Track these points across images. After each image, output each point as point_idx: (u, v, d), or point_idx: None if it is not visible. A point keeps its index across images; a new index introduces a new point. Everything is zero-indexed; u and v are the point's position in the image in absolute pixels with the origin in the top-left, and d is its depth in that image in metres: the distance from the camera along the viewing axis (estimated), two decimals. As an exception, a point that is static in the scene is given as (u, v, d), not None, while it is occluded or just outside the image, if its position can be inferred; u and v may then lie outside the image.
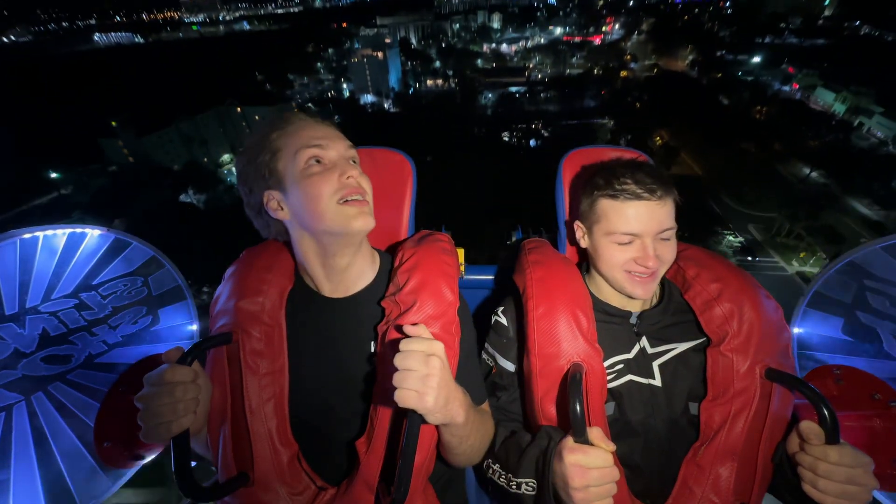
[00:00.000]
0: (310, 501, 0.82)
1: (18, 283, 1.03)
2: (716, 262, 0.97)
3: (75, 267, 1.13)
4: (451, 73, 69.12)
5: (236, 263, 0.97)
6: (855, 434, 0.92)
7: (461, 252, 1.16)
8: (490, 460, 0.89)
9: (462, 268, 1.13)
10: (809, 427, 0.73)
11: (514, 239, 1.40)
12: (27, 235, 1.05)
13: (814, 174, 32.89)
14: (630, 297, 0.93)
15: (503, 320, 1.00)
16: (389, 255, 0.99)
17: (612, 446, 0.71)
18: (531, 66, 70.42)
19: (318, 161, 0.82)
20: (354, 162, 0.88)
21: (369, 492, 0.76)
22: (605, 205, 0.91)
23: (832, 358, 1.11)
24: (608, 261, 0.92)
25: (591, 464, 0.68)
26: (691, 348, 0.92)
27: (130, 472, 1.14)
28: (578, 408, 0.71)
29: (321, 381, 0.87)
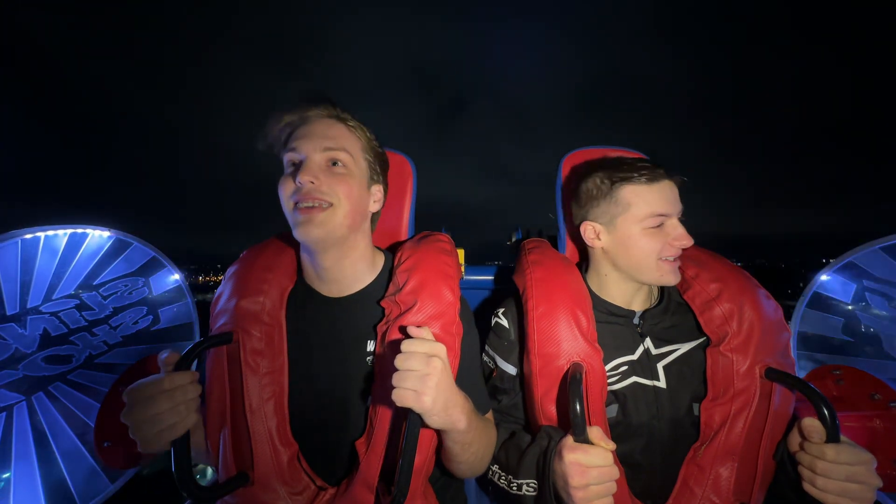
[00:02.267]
0: (309, 501, 0.81)
1: (20, 283, 1.03)
2: (715, 262, 0.97)
3: (76, 267, 1.13)
4: None
5: (237, 263, 0.97)
6: (855, 434, 0.92)
7: (461, 252, 1.17)
8: (491, 462, 0.89)
9: (462, 268, 1.13)
10: (811, 424, 0.72)
11: (514, 239, 1.40)
12: (29, 236, 1.05)
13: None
14: (661, 286, 0.93)
15: (504, 322, 0.99)
16: (392, 254, 0.99)
17: (611, 445, 0.70)
18: None
19: (293, 164, 0.84)
20: (336, 164, 0.84)
21: (369, 492, 0.76)
22: (630, 191, 0.89)
23: (832, 358, 1.11)
24: (642, 250, 0.89)
25: (591, 462, 0.68)
26: (693, 348, 0.92)
27: (130, 472, 1.14)
28: (578, 407, 0.71)
29: (321, 381, 0.87)
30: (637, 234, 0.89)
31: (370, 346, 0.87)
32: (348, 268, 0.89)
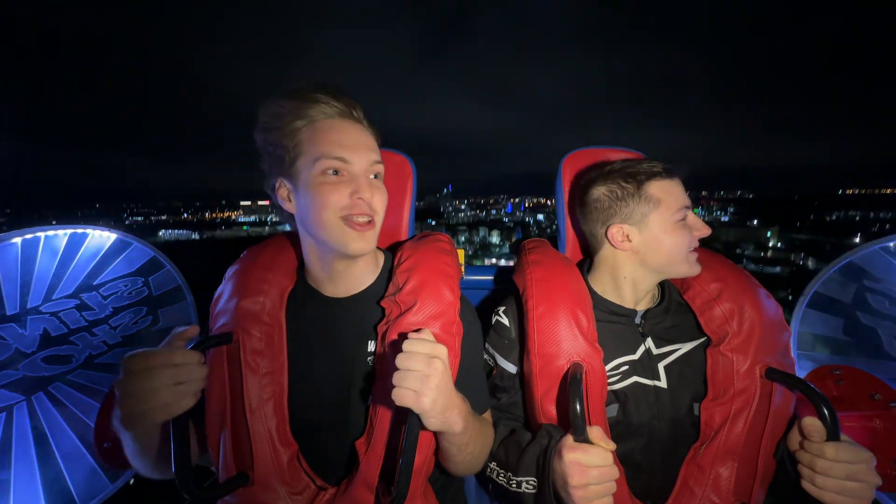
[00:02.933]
0: (309, 501, 0.81)
1: (20, 283, 1.03)
2: (715, 262, 0.97)
3: (76, 267, 1.13)
4: None
5: (237, 263, 0.97)
6: (855, 434, 0.92)
7: (461, 252, 1.17)
8: (490, 459, 0.89)
9: (462, 268, 1.13)
10: (811, 423, 0.73)
11: (514, 239, 1.40)
12: (29, 236, 1.05)
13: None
14: (689, 276, 0.94)
15: (504, 320, 0.99)
16: (392, 253, 0.99)
17: (611, 445, 0.71)
18: None
19: (335, 172, 0.78)
20: (377, 176, 0.84)
21: (369, 492, 0.76)
22: (657, 187, 0.90)
23: (832, 358, 1.11)
24: (676, 244, 0.89)
25: (590, 462, 0.68)
26: (693, 348, 0.92)
27: (130, 472, 1.14)
28: (578, 407, 0.71)
29: (321, 381, 0.87)
30: (670, 228, 0.89)
31: (370, 347, 0.87)
32: (359, 268, 0.89)
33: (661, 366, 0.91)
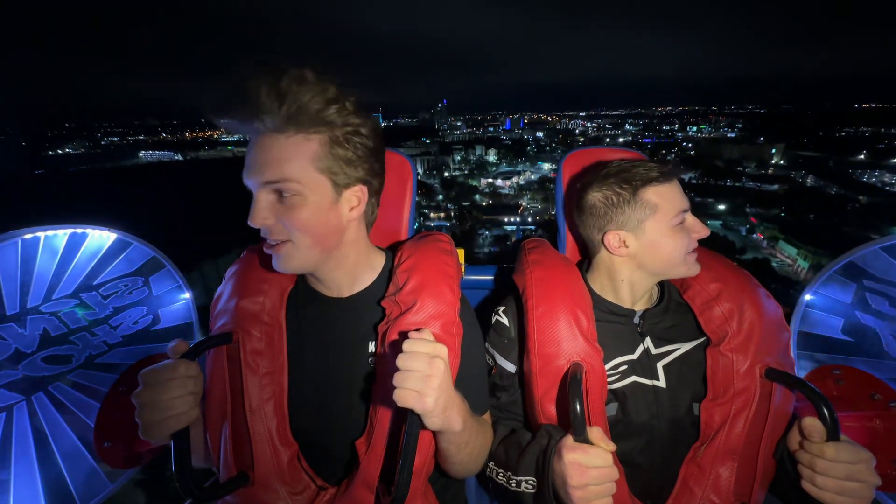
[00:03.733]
0: (310, 501, 0.82)
1: (19, 283, 1.03)
2: (715, 262, 0.97)
3: (76, 267, 1.13)
4: (452, 206, 76.89)
5: (238, 263, 0.97)
6: (855, 434, 0.92)
7: (461, 252, 1.17)
8: (489, 459, 0.89)
9: (462, 267, 1.13)
10: (811, 423, 0.73)
11: (514, 239, 1.40)
12: (28, 236, 1.05)
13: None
14: (688, 277, 0.94)
15: (504, 320, 0.99)
16: (392, 253, 0.99)
17: (611, 446, 0.71)
18: (522, 204, 78.08)
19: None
20: (283, 194, 0.73)
21: (369, 492, 0.76)
22: (653, 192, 0.88)
23: (832, 358, 1.11)
24: (675, 248, 0.89)
25: (590, 463, 0.68)
26: (693, 348, 0.92)
27: (130, 472, 1.14)
28: (578, 407, 0.71)
29: (321, 381, 0.87)
30: (667, 233, 0.88)
31: (371, 347, 0.87)
32: (344, 276, 0.89)
33: (659, 365, 0.91)
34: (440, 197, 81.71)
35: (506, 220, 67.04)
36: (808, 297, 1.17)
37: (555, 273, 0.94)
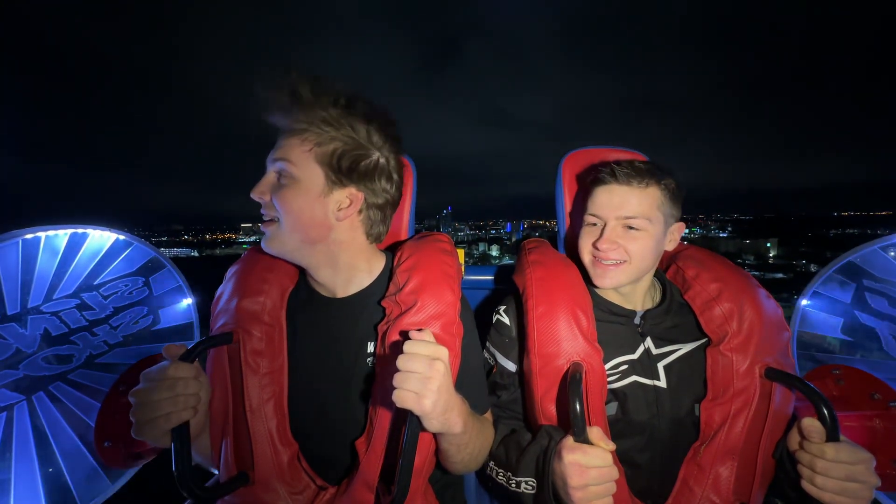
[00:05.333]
0: (310, 501, 0.82)
1: (20, 283, 1.03)
2: (715, 262, 0.97)
3: (77, 267, 1.14)
4: None
5: (238, 262, 0.97)
6: (855, 434, 0.92)
7: (461, 252, 1.17)
8: (489, 458, 0.89)
9: (462, 268, 1.13)
10: (811, 424, 0.73)
11: (514, 239, 1.40)
12: (29, 236, 1.06)
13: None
14: (595, 285, 0.95)
15: (505, 319, 1.00)
16: (392, 253, 0.99)
17: (611, 446, 0.70)
18: None
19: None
20: (282, 176, 0.82)
21: (369, 491, 0.76)
22: (590, 191, 0.95)
23: (832, 358, 1.11)
24: (580, 244, 0.96)
25: (590, 463, 0.68)
26: (694, 349, 0.92)
27: (130, 472, 1.15)
28: (578, 407, 0.71)
29: (321, 381, 0.87)
30: (582, 228, 0.97)
31: (370, 347, 0.87)
32: (336, 276, 0.90)
33: (660, 365, 0.91)
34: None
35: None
36: (807, 297, 1.17)
37: (555, 273, 0.94)
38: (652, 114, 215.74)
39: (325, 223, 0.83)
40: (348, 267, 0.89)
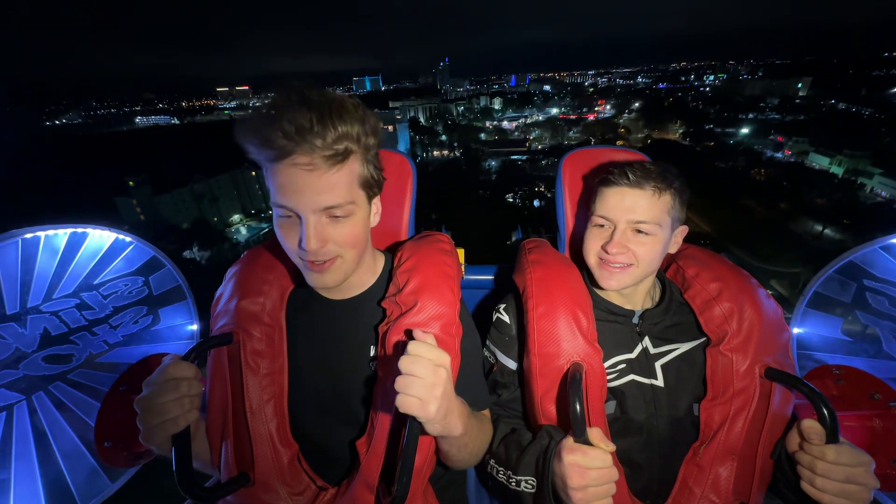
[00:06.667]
0: (310, 501, 0.82)
1: (20, 282, 1.03)
2: (715, 262, 0.97)
3: (77, 267, 1.13)
4: (456, 144, 74.90)
5: (238, 263, 0.97)
6: (855, 434, 0.92)
7: (461, 252, 1.17)
8: (490, 457, 0.89)
9: (462, 268, 1.13)
10: (810, 425, 0.73)
11: (514, 239, 1.40)
12: (29, 235, 1.05)
13: (827, 231, 33.49)
14: (601, 287, 0.94)
15: (505, 317, 1.00)
16: (391, 254, 0.99)
17: (611, 447, 0.70)
18: (531, 138, 76.01)
19: (287, 213, 0.73)
20: (334, 217, 0.73)
21: (369, 492, 0.76)
22: (599, 191, 0.93)
23: (832, 358, 1.11)
24: (585, 246, 0.94)
25: (590, 464, 0.68)
26: (693, 348, 0.92)
27: (131, 472, 1.15)
28: (578, 407, 0.71)
29: (321, 382, 0.87)
30: (588, 230, 0.96)
31: (371, 348, 0.87)
32: (351, 278, 0.88)
33: (657, 365, 0.91)
34: (443, 137, 78.08)
35: (512, 151, 64.61)
36: (807, 297, 1.17)
37: (555, 273, 0.94)
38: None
39: (369, 234, 0.85)
40: (361, 269, 0.89)
